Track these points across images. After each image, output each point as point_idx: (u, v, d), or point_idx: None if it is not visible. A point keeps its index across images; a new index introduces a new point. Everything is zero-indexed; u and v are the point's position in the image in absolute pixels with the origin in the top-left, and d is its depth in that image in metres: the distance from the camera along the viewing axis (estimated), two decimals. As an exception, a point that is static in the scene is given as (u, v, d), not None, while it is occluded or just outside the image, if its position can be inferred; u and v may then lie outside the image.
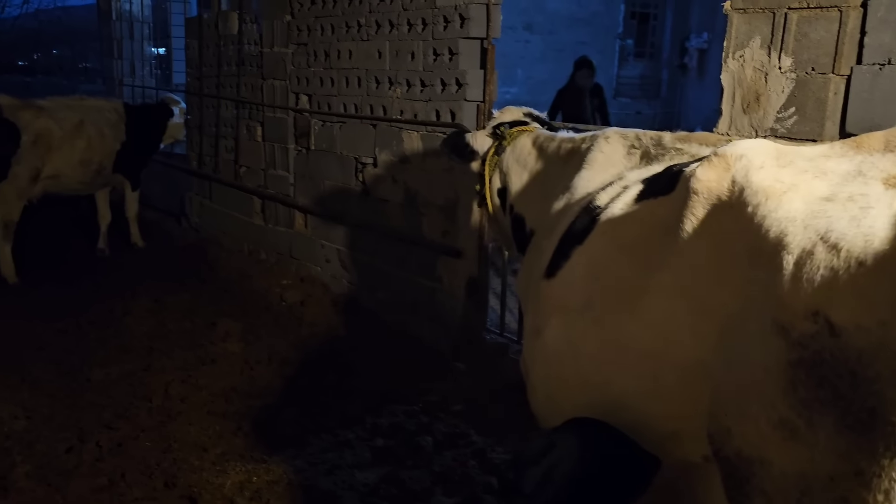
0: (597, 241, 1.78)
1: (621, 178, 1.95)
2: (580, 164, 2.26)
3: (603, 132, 2.31)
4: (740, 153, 1.39)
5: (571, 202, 2.15)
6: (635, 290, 1.59)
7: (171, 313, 5.40)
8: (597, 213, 1.83)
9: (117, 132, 6.86)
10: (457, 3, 4.43)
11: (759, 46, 2.76)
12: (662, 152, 2.04)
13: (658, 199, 1.66)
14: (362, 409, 4.07)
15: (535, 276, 2.04)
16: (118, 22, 9.67)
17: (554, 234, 2.01)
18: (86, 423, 3.79)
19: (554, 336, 1.83)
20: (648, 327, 1.54)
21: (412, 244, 5.07)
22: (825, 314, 1.10)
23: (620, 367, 1.62)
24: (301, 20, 5.88)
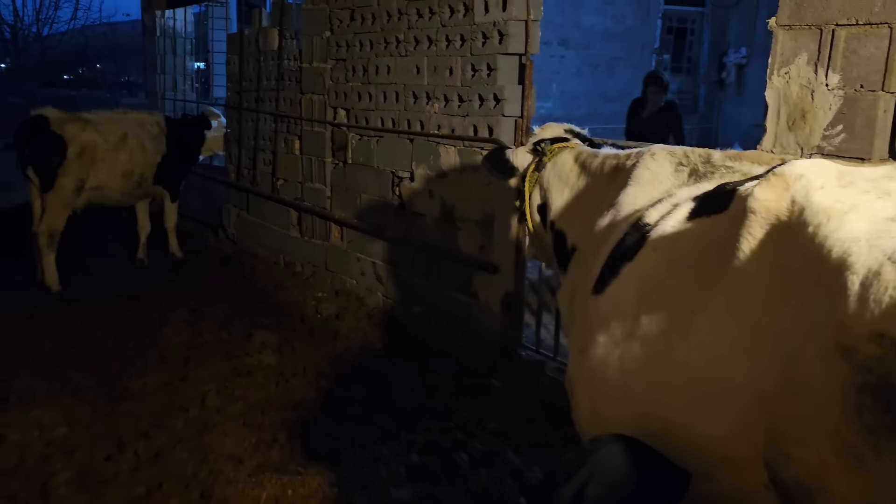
0: (647, 258, 1.75)
1: (671, 196, 1.91)
2: (626, 181, 2.23)
3: (649, 149, 2.29)
4: (799, 173, 1.36)
5: (617, 219, 2.12)
6: (687, 310, 1.55)
7: (208, 324, 5.45)
8: (646, 230, 1.81)
9: (158, 145, 6.99)
10: (496, 19, 4.44)
11: (806, 63, 2.72)
12: (712, 170, 2.00)
13: (711, 218, 1.63)
14: (397, 425, 4.06)
15: (581, 292, 2.01)
16: (162, 38, 9.88)
17: (601, 251, 1.98)
18: (124, 432, 3.84)
19: (601, 354, 1.81)
20: (700, 348, 1.50)
21: (448, 259, 5.06)
22: (893, 337, 1.06)
23: (669, 389, 1.58)
24: (340, 36, 5.94)
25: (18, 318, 5.46)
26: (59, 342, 5.00)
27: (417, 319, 5.39)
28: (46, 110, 6.40)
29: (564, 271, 2.61)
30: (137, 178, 6.84)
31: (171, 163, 7.14)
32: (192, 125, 7.57)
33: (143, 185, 6.96)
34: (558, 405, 4.10)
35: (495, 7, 4.43)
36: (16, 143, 6.23)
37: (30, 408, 3.88)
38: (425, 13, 5.00)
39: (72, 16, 27.41)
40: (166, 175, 7.14)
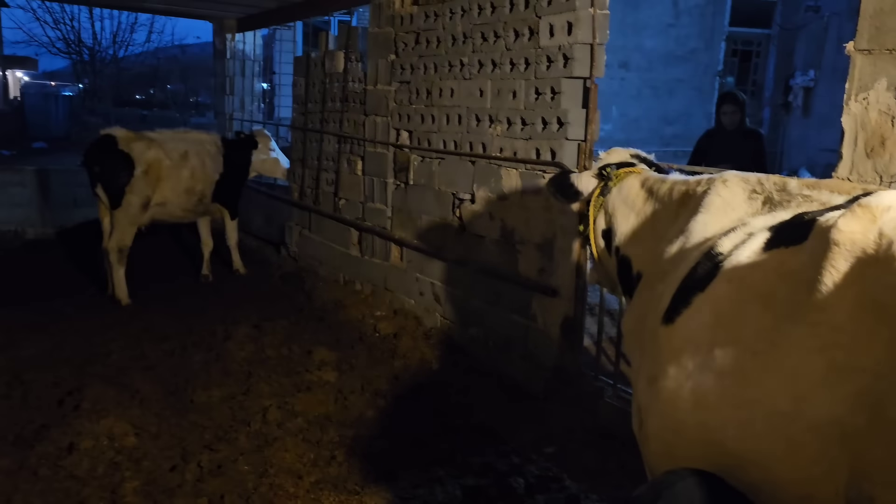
0: (721, 288, 1.71)
1: (745, 225, 1.87)
2: (696, 208, 2.19)
3: (721, 175, 2.25)
4: (887, 204, 1.32)
5: (687, 247, 2.09)
6: (765, 343, 1.51)
7: (270, 339, 5.55)
8: (720, 259, 1.77)
9: (216, 163, 7.21)
10: (561, 43, 4.45)
11: (885, 89, 2.64)
12: (788, 199, 1.94)
13: (789, 249, 1.59)
14: (453, 446, 4.05)
15: (650, 322, 1.98)
16: (232, 60, 10.21)
17: (671, 279, 1.95)
18: (189, 443, 3.93)
19: (673, 386, 1.76)
20: (780, 383, 1.46)
21: (507, 281, 5.06)
22: None
23: (746, 424, 1.53)
24: (405, 59, 6.04)
25: (92, 329, 5.66)
26: (129, 353, 5.17)
27: (475, 341, 5.39)
28: (114, 130, 6.66)
29: (629, 297, 2.58)
30: (198, 195, 7.03)
31: (228, 180, 7.34)
32: (242, 145, 7.70)
33: (203, 202, 7.15)
34: (616, 432, 4.04)
35: (561, 31, 4.44)
36: (85, 162, 6.50)
37: (101, 416, 4.01)
38: (490, 37, 5.05)
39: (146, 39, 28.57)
40: (224, 192, 7.33)
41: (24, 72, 28.55)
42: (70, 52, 27.57)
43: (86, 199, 9.37)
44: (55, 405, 4.30)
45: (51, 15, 26.52)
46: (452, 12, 5.41)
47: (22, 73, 28.43)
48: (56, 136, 19.46)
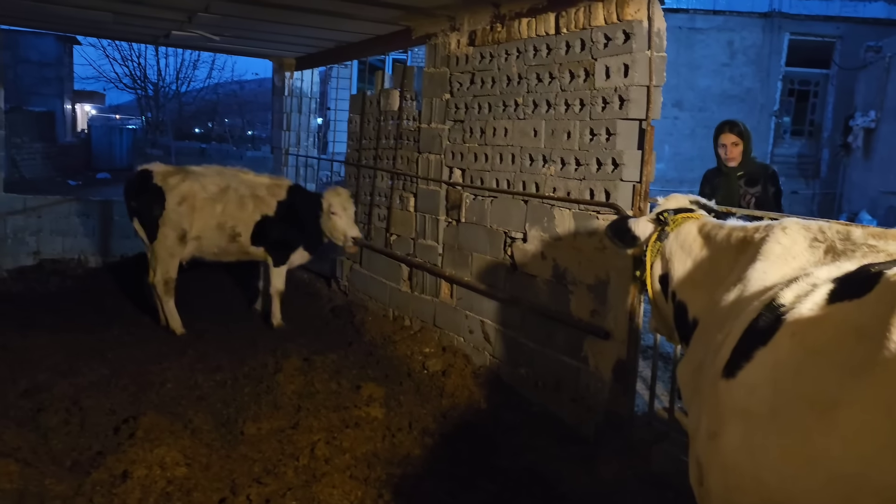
0: (783, 342, 1.66)
1: (808, 276, 1.82)
2: (755, 256, 2.14)
3: (780, 222, 2.20)
4: None
5: (745, 295, 2.04)
6: (829, 402, 1.46)
7: (319, 373, 5.58)
8: (782, 312, 1.72)
9: (261, 205, 6.88)
10: (617, 85, 4.45)
11: (959, 136, 2.56)
12: (852, 248, 1.89)
13: (854, 302, 1.54)
14: (501, 488, 4.00)
15: (710, 374, 1.93)
16: (289, 98, 10.48)
17: (731, 330, 1.90)
18: (238, 476, 3.95)
19: (734, 442, 1.72)
20: (844, 444, 1.41)
21: (558, 322, 5.01)
22: None
23: (808, 484, 1.49)
24: (459, 98, 6.11)
25: (148, 357, 5.78)
26: (182, 384, 5.25)
27: (524, 381, 5.33)
28: (153, 165, 6.86)
29: (685, 344, 2.53)
30: (230, 232, 6.78)
31: (276, 227, 6.92)
32: (306, 200, 7.06)
33: (239, 241, 6.85)
34: (670, 482, 3.93)
35: (617, 73, 4.45)
36: (124, 197, 6.76)
37: (154, 445, 4.06)
38: (545, 78, 5.08)
39: (207, 75, 29.63)
40: (269, 238, 6.93)
41: (92, 105, 29.80)
42: (135, 87, 28.76)
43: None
44: (111, 432, 4.38)
45: (119, 52, 27.76)
46: (508, 53, 5.47)
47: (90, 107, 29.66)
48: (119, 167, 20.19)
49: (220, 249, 6.90)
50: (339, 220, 6.79)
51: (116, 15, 7.62)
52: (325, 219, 6.84)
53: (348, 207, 6.87)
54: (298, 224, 6.99)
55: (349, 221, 6.85)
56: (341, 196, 6.86)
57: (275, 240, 6.98)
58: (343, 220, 6.81)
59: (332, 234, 6.89)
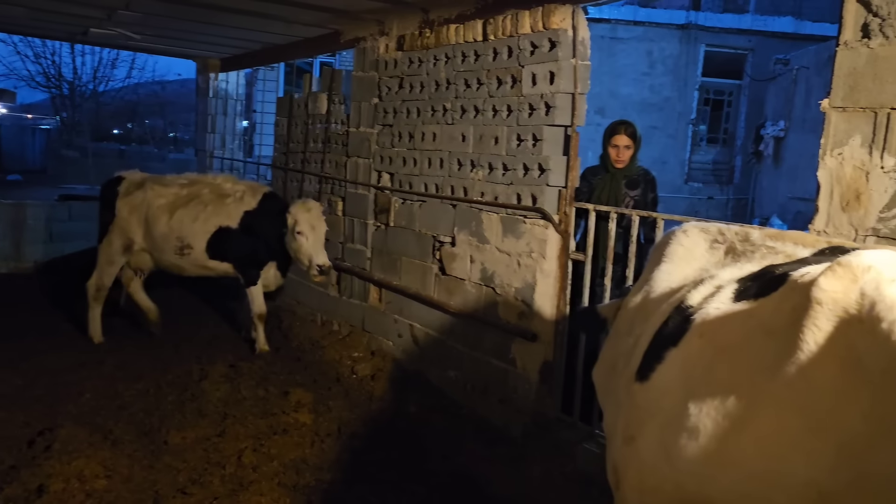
0: (693, 343, 1.69)
1: (713, 277, 1.87)
2: (659, 258, 2.19)
3: (682, 225, 2.27)
4: (868, 264, 1.33)
5: (652, 297, 2.07)
6: (741, 401, 1.49)
7: (246, 379, 5.48)
8: (690, 313, 1.75)
9: (221, 216, 6.14)
10: (543, 92, 4.55)
11: (860, 145, 2.74)
12: (751, 249, 1.94)
13: (760, 303, 1.59)
14: (430, 490, 4.02)
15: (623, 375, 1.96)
16: (214, 99, 10.26)
17: (641, 333, 1.93)
18: (162, 487, 3.85)
19: (650, 446, 1.73)
20: (756, 442, 1.44)
21: (487, 325, 5.07)
22: None
23: (724, 485, 1.51)
24: (388, 103, 6.11)
25: (65, 367, 5.56)
26: (102, 393, 5.07)
27: (453, 384, 5.37)
28: (129, 172, 6.63)
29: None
30: (177, 244, 6.17)
31: (237, 241, 6.13)
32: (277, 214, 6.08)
33: (191, 255, 6.18)
34: (594, 479, 4.03)
35: (543, 80, 4.54)
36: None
37: (72, 458, 3.91)
38: (473, 84, 5.14)
39: (127, 74, 28.62)
40: (230, 253, 6.18)
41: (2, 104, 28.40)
42: (49, 85, 27.52)
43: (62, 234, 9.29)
44: (25, 446, 4.19)
45: (32, 49, 26.52)
46: (436, 59, 5.51)
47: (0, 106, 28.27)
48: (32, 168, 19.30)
49: (171, 264, 6.33)
50: (304, 241, 5.81)
51: (31, 10, 7.30)
52: (290, 237, 5.88)
53: (318, 226, 5.86)
54: (266, 238, 6.12)
55: (317, 244, 5.84)
56: (311, 212, 5.87)
57: (237, 255, 6.20)
58: (310, 242, 5.82)
59: (296, 257, 5.96)
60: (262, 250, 6.20)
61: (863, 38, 2.72)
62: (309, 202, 6.01)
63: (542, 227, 4.61)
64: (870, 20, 2.69)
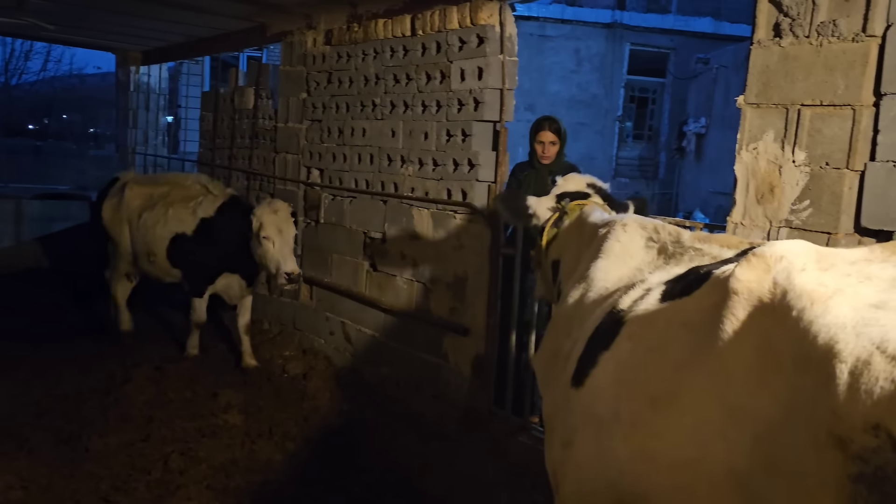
0: (623, 345, 1.72)
1: (643, 281, 1.90)
2: (597, 252, 2.21)
3: (621, 219, 2.29)
4: (780, 254, 1.36)
5: (588, 294, 2.10)
6: (667, 395, 1.52)
7: (172, 382, 5.34)
8: (621, 316, 1.79)
9: (178, 221, 5.79)
10: (472, 87, 4.57)
11: (773, 140, 2.84)
12: (681, 251, 1.98)
13: (684, 300, 1.62)
14: (364, 488, 3.99)
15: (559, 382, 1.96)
16: (135, 93, 9.93)
17: (577, 338, 1.95)
18: (83, 496, 3.71)
19: (585, 450, 1.76)
20: (683, 434, 1.47)
21: (418, 320, 5.07)
22: (887, 428, 1.06)
23: (657, 480, 1.53)
24: (317, 98, 6.04)
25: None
26: (17, 400, 4.84)
27: (386, 380, 5.35)
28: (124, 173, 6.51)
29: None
30: (145, 250, 5.91)
31: (190, 248, 5.74)
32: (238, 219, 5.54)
33: (157, 263, 5.91)
34: (527, 470, 4.08)
35: (471, 76, 4.56)
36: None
37: (-16, 469, 3.73)
38: (402, 79, 5.12)
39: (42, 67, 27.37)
40: (183, 261, 5.83)
41: None
42: (-43, 78, 26.09)
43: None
44: (-69, 458, 3.97)
45: (-64, 39, 25.09)
46: (365, 53, 5.47)
47: None
48: (-63, 166, 18.27)
49: (147, 270, 6.09)
50: (270, 246, 5.28)
51: (-68, -2, 6.91)
52: (255, 243, 5.36)
53: (285, 230, 5.34)
54: (226, 247, 5.63)
55: (284, 249, 5.31)
56: (277, 214, 5.34)
57: (187, 263, 5.81)
58: (276, 248, 5.29)
59: (262, 264, 5.43)
60: (215, 261, 5.71)
61: (775, 37, 2.83)
62: (276, 203, 5.46)
63: (473, 222, 4.63)
64: (781, 20, 2.80)
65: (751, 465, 1.31)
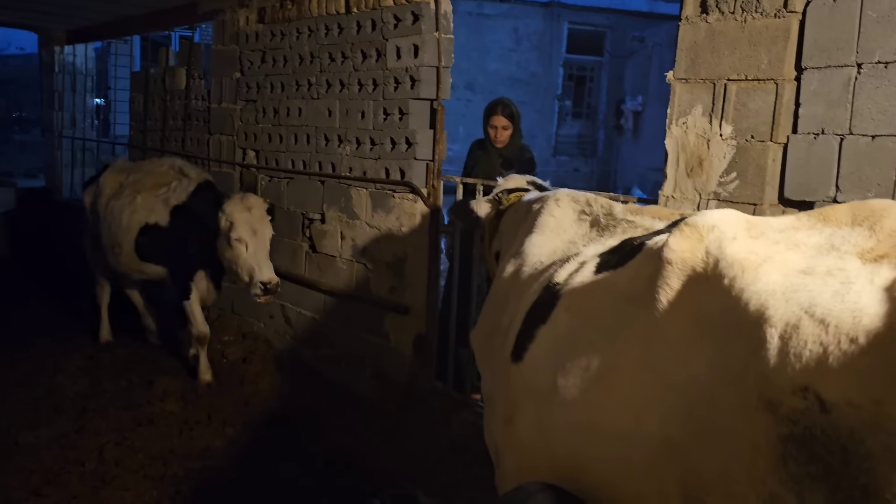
0: (560, 318, 1.73)
1: (578, 254, 1.92)
2: (531, 227, 2.24)
3: (554, 193, 2.32)
4: (712, 224, 1.39)
5: (524, 268, 2.11)
6: (603, 367, 1.54)
7: (107, 371, 5.21)
8: (557, 289, 1.80)
9: (146, 211, 5.15)
10: (408, 65, 4.53)
11: (701, 114, 2.90)
12: (613, 223, 2.01)
13: (619, 270, 1.64)
14: (306, 471, 3.97)
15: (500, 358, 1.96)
16: (61, 74, 9.52)
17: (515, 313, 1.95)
18: (13, 490, 3.59)
19: (526, 425, 1.77)
20: (619, 404, 1.48)
21: (358, 300, 5.03)
22: (815, 390, 1.09)
23: (594, 451, 1.55)
24: (251, 77, 5.90)
25: None
26: (-61, 394, 4.65)
27: (328, 362, 5.30)
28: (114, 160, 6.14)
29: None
30: (110, 241, 5.31)
31: (167, 241, 5.07)
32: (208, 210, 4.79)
33: (122, 256, 5.27)
34: (469, 446, 4.11)
35: (407, 54, 4.52)
36: None
37: None
38: (338, 57, 5.04)
39: (-43, 47, 26.04)
40: (161, 256, 5.16)
41: None
42: None
43: None
44: None
45: None
46: (299, 32, 5.36)
47: None
48: None
49: (113, 267, 5.51)
50: (243, 250, 4.57)
51: None
52: (224, 244, 4.64)
53: (260, 230, 4.62)
54: (198, 240, 4.90)
55: (260, 253, 4.60)
56: (251, 212, 4.59)
57: (168, 258, 5.15)
58: (250, 252, 4.58)
59: (232, 269, 4.73)
60: (190, 255, 5.02)
61: (702, 14, 2.88)
62: (249, 198, 4.69)
63: (411, 202, 4.61)
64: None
65: (684, 433, 1.34)
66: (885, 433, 1.02)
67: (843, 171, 2.53)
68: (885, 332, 1.04)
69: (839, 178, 2.54)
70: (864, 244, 1.25)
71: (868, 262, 1.20)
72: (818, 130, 2.60)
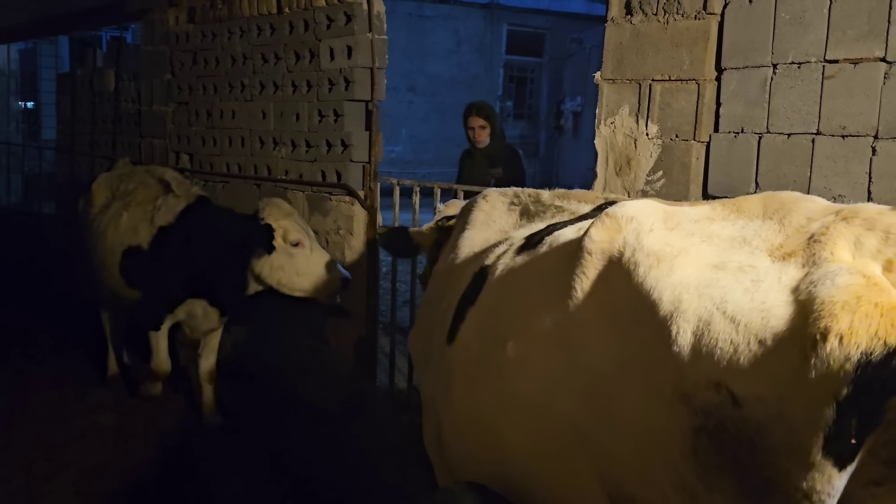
0: (485, 298, 1.80)
1: (507, 238, 1.98)
2: (463, 226, 2.30)
3: (483, 192, 2.38)
4: (630, 214, 1.42)
5: (458, 262, 2.16)
6: (520, 343, 1.59)
7: (36, 384, 5.02)
8: (486, 271, 1.86)
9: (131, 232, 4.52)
10: (342, 66, 4.50)
11: (628, 114, 2.96)
12: (542, 209, 2.09)
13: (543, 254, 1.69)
14: (248, 479, 3.90)
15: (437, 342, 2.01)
16: (-19, 76, 9.17)
17: (451, 300, 2.00)
18: (-67, 513, 3.44)
19: (460, 396, 1.81)
20: (532, 380, 1.54)
21: (300, 306, 4.97)
22: (728, 386, 1.14)
23: (510, 423, 1.60)
24: (182, 79, 5.78)
25: None
26: None
27: (269, 368, 5.23)
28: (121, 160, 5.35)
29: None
30: (98, 265, 4.75)
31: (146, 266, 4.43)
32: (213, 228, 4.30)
33: (108, 279, 4.73)
34: (411, 447, 4.11)
35: (341, 55, 4.49)
36: None
37: None
38: (271, 58, 4.98)
39: None
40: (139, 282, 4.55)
41: None
42: None
43: None
44: None
45: None
46: (231, 32, 5.27)
47: None
48: None
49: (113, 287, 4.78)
50: (308, 253, 4.11)
51: None
52: (280, 258, 4.08)
53: (308, 229, 4.24)
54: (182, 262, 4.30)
55: (323, 252, 4.22)
56: (293, 215, 4.17)
57: (144, 285, 4.54)
58: (317, 254, 4.15)
59: (292, 284, 4.16)
60: (176, 282, 4.34)
61: (626, 15, 2.94)
62: (277, 202, 4.21)
63: (349, 204, 4.58)
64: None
65: (591, 416, 1.38)
66: (788, 428, 1.06)
67: (761, 168, 2.61)
68: (788, 337, 1.09)
69: (758, 175, 2.62)
70: (773, 239, 1.29)
71: (777, 261, 1.24)
72: (738, 129, 2.68)
